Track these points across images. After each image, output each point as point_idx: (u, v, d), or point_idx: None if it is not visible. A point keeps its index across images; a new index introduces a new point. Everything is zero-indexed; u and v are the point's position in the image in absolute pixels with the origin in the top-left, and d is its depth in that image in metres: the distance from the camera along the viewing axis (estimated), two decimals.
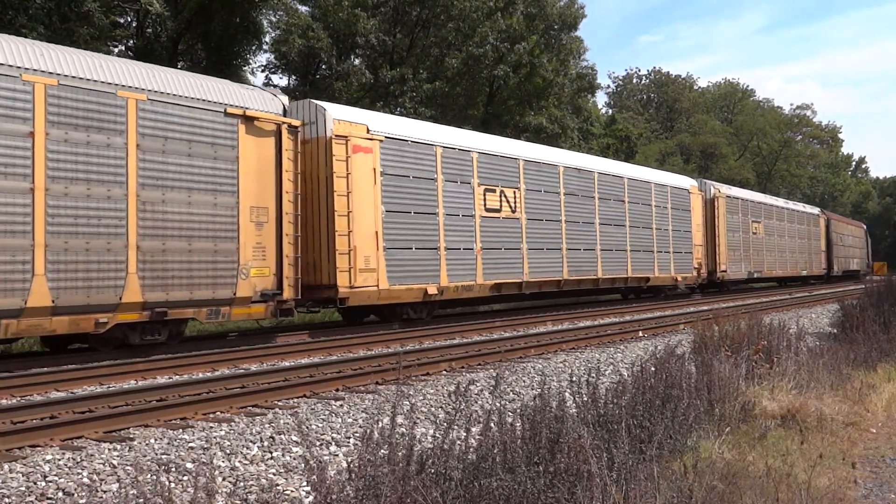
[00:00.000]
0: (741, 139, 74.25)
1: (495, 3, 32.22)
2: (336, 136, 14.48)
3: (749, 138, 74.34)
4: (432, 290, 16.03)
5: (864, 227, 61.39)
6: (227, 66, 24.78)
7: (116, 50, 24.30)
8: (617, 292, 26.94)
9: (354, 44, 29.60)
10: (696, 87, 78.17)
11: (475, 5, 31.08)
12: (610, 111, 62.86)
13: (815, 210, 44.52)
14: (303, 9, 30.27)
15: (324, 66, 30.38)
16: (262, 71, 31.60)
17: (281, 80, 32.03)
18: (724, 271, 29.68)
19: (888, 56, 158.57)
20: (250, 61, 28.69)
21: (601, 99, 77.31)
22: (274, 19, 28.92)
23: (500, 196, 18.36)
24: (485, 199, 17.81)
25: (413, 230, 15.85)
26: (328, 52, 28.43)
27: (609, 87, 73.98)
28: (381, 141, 15.29)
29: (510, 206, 18.63)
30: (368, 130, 15.12)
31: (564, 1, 37.08)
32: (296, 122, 13.79)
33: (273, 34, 29.17)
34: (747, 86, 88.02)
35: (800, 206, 41.92)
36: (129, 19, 25.52)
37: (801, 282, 41.03)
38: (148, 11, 22.26)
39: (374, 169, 15.08)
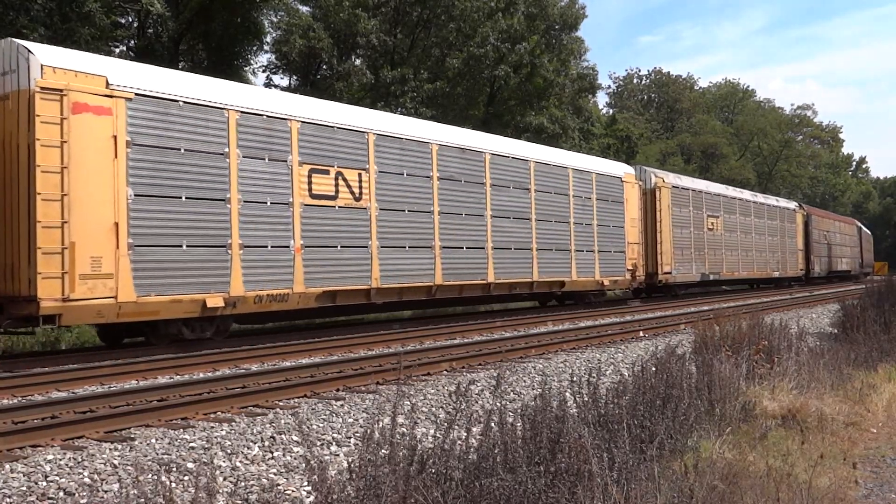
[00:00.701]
0: (742, 139, 74.22)
1: (496, 3, 32.21)
2: (44, 89, 10.40)
3: (750, 138, 74.30)
4: (215, 301, 12.12)
5: (858, 224, 56.69)
6: (228, 67, 24.79)
7: (117, 50, 24.31)
8: (522, 300, 22.49)
9: (355, 44, 29.59)
10: (696, 88, 78.22)
11: (476, 6, 31.08)
12: (611, 111, 62.84)
13: (791, 204, 40.04)
14: (304, 9, 30.27)
15: (325, 67, 30.37)
16: (263, 71, 31.62)
17: (282, 80, 32.06)
18: (669, 273, 25.66)
19: (889, 56, 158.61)
20: (251, 61, 28.70)
21: (602, 99, 77.23)
22: (275, 19, 28.92)
23: (337, 179, 14.37)
24: (310, 183, 13.82)
25: (185, 222, 11.92)
26: (329, 52, 28.42)
27: (610, 87, 74.02)
28: (128, 99, 11.31)
29: (352, 193, 14.63)
30: (108, 84, 11.13)
31: (565, 1, 37.07)
32: None
33: (274, 34, 29.18)
34: (748, 86, 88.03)
35: (771, 200, 37.33)
36: (130, 20, 25.52)
37: (774, 284, 36.80)
38: (149, 12, 22.26)
39: (116, 137, 11.09)
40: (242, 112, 12.87)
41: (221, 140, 12.51)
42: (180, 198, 11.85)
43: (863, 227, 60.24)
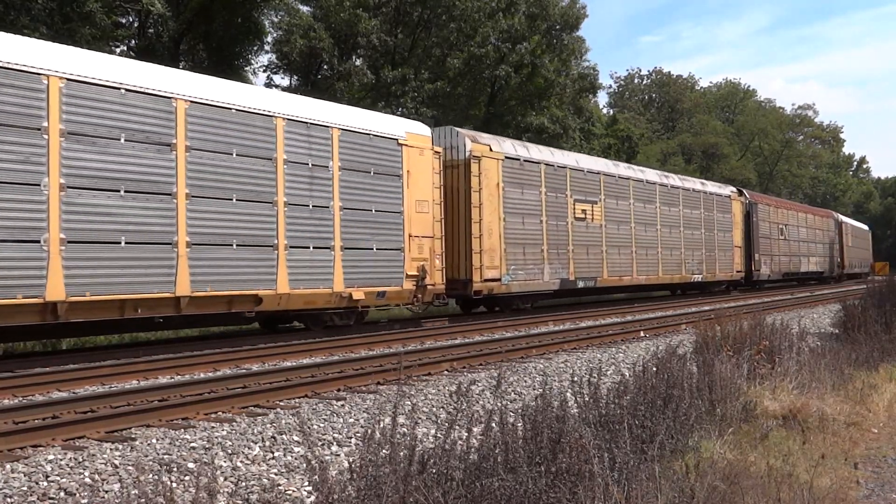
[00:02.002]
0: (742, 139, 74.26)
1: (497, 3, 32.23)
2: None
3: (750, 138, 74.33)
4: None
5: (836, 217, 47.62)
6: (229, 67, 24.81)
7: (118, 50, 24.33)
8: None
9: (356, 44, 29.61)
10: (697, 88, 78.28)
11: (477, 5, 31.09)
12: (611, 111, 62.86)
13: (726, 189, 31.50)
14: (304, 9, 30.30)
15: (325, 67, 30.39)
16: (264, 71, 31.69)
17: (283, 80, 32.11)
18: (496, 280, 18.01)
19: (890, 56, 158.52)
20: (252, 61, 28.76)
21: (603, 99, 77.35)
22: (275, 19, 28.97)
23: None
24: None
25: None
26: (330, 52, 28.44)
27: (611, 87, 74.12)
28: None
29: None
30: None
31: (566, 1, 37.08)
32: None
33: (274, 34, 29.22)
34: (749, 86, 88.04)
35: (693, 183, 28.98)
36: (131, 19, 25.56)
37: (698, 290, 29.68)
38: (149, 12, 22.29)
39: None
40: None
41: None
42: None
43: (848, 220, 52.45)
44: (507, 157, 18.86)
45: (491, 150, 18.42)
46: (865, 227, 59.72)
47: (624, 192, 23.76)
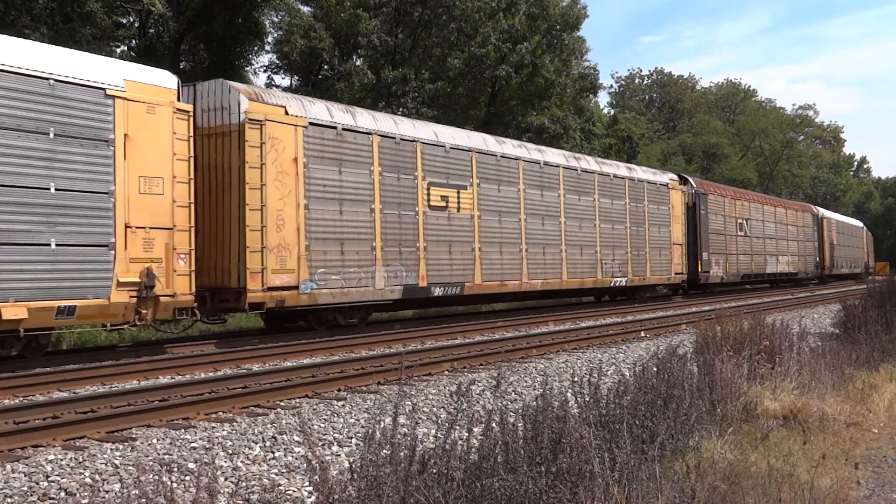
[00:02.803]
0: (743, 139, 74.23)
1: (497, 3, 32.22)
2: None
3: (751, 138, 74.30)
4: None
5: (816, 211, 42.87)
6: (230, 67, 24.81)
7: (119, 50, 24.34)
8: None
9: (356, 44, 29.59)
10: (698, 88, 78.27)
11: (477, 6, 31.07)
12: (612, 111, 62.88)
13: (664, 177, 26.69)
14: (305, 9, 30.31)
15: (326, 67, 30.40)
16: (265, 71, 31.71)
17: (283, 80, 32.13)
18: (287, 288, 13.29)
19: (891, 56, 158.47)
20: (252, 62, 28.77)
21: (603, 99, 77.44)
22: (276, 20, 28.99)
23: None
24: None
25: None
26: (330, 52, 28.43)
27: (612, 87, 74.12)
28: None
29: None
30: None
31: (567, 1, 37.07)
32: None
33: (275, 34, 29.23)
34: (749, 86, 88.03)
35: (612, 167, 23.91)
36: (132, 20, 25.57)
37: (625, 295, 25.24)
38: (150, 12, 22.29)
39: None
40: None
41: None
42: None
43: (832, 215, 47.58)
44: (313, 124, 14.08)
45: (287, 112, 13.71)
46: (859, 224, 55.90)
47: (509, 175, 18.93)
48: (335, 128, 14.54)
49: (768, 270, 34.18)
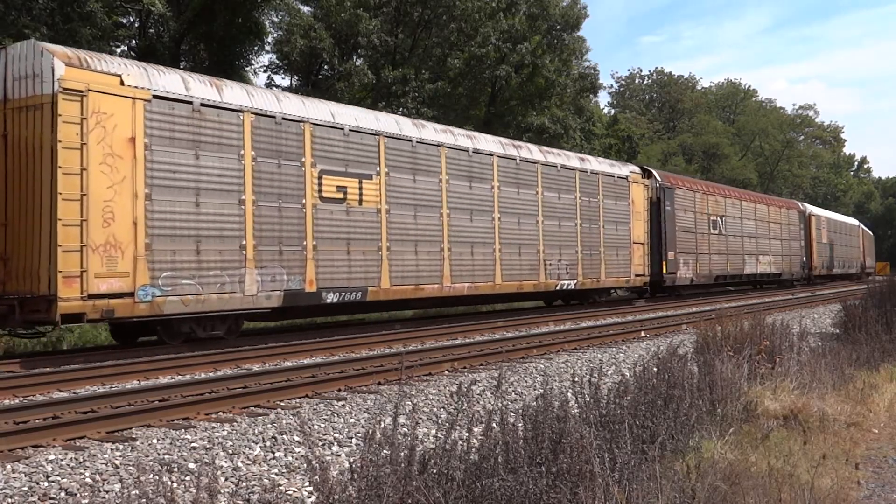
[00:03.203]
0: (743, 139, 74.24)
1: (497, 3, 32.22)
2: None
3: (751, 138, 74.31)
4: None
5: (802, 208, 40.12)
6: (230, 67, 24.82)
7: (119, 50, 24.34)
8: None
9: (356, 44, 29.61)
10: (698, 88, 78.28)
11: (477, 6, 31.09)
12: (612, 111, 62.90)
13: (625, 169, 24.20)
14: (305, 9, 30.33)
15: (326, 67, 30.41)
16: (265, 71, 31.72)
17: (283, 80, 32.13)
18: (118, 296, 11.01)
19: (891, 56, 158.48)
20: (252, 62, 28.79)
21: (604, 99, 77.45)
22: (276, 19, 29.00)
23: None
24: None
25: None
26: (330, 52, 28.44)
27: (612, 87, 74.15)
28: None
29: None
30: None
31: (567, 1, 37.08)
32: None
33: (275, 34, 29.24)
34: (749, 86, 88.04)
35: (560, 157, 21.26)
36: (132, 20, 25.57)
37: (578, 300, 22.88)
38: (150, 12, 22.30)
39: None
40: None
41: None
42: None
43: (823, 213, 44.98)
44: (159, 97, 11.72)
45: (122, 83, 11.29)
46: (854, 222, 52.79)
47: (428, 163, 16.52)
48: (190, 103, 12.10)
49: (747, 271, 31.80)
